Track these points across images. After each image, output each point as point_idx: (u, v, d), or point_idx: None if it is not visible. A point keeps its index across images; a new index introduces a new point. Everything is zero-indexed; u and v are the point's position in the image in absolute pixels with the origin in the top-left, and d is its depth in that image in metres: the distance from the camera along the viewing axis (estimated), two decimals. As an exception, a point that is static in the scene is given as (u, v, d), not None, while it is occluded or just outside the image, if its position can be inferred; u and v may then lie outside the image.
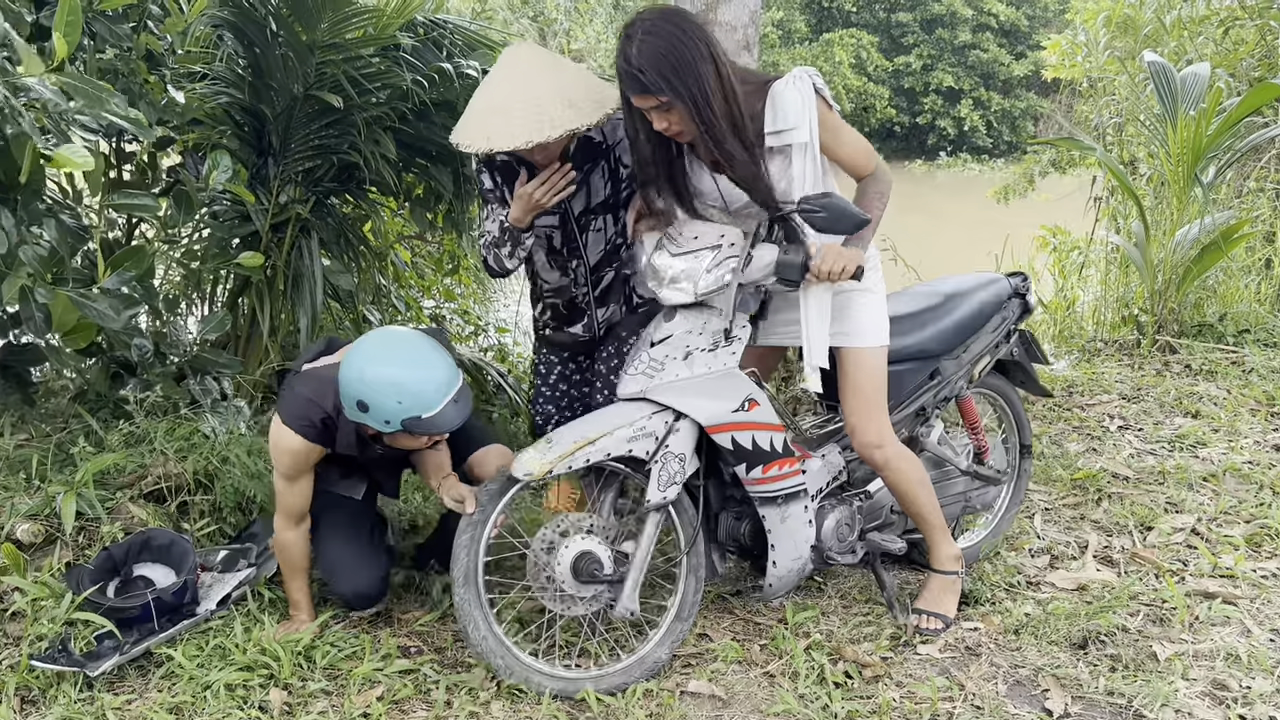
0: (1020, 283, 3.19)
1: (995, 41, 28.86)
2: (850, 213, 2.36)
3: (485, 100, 2.67)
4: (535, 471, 2.41)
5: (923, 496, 2.75)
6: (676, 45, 2.31)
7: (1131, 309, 5.99)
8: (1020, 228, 8.14)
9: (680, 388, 2.51)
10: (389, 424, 2.38)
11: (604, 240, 2.97)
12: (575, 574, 2.47)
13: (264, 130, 4.18)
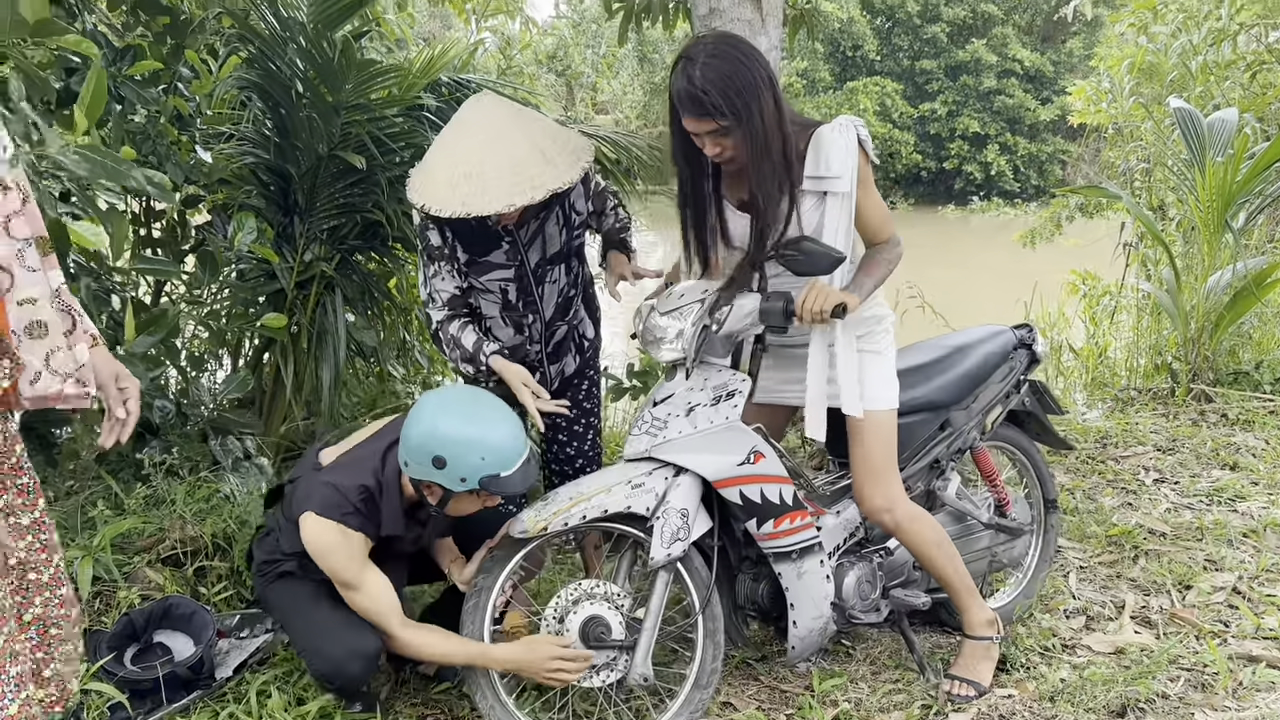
0: (1026, 334, 3.16)
1: (1020, 87, 28.89)
2: (825, 252, 2.36)
3: (452, 161, 2.56)
4: (531, 529, 2.39)
5: (942, 558, 2.68)
6: (741, 69, 2.31)
7: (1165, 356, 5.89)
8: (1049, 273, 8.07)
9: (684, 444, 2.49)
10: (464, 481, 2.29)
11: (557, 292, 2.90)
12: (584, 639, 2.42)
13: (289, 189, 4.22)
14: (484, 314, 2.87)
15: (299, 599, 2.41)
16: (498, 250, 2.76)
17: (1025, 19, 29.77)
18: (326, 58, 3.83)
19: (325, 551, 2.31)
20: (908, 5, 29.00)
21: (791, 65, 27.28)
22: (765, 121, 2.33)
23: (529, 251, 2.78)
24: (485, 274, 2.77)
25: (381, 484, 2.38)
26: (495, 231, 2.73)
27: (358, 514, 2.32)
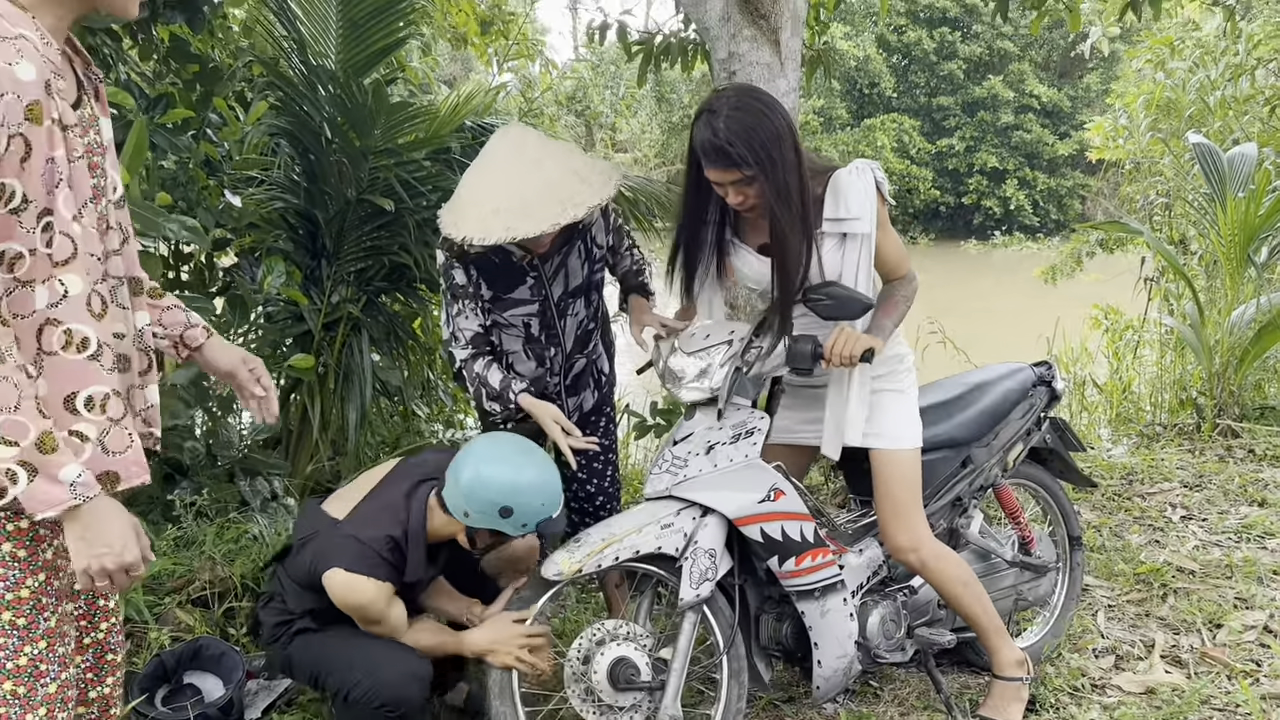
0: (1045, 370, 3.17)
1: (1038, 122, 28.98)
2: (854, 298, 2.40)
3: (490, 191, 2.61)
4: (566, 571, 2.41)
5: (969, 597, 2.67)
6: (764, 120, 2.36)
7: (1190, 391, 5.86)
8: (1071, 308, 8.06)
9: (704, 482, 2.51)
10: (525, 526, 2.37)
11: (578, 325, 2.95)
12: (612, 681, 2.42)
13: (318, 233, 4.29)
14: (506, 349, 2.91)
15: (330, 647, 2.43)
16: (522, 285, 2.81)
17: (1042, 55, 29.92)
18: (356, 103, 3.91)
19: (360, 605, 2.34)
20: (924, 43, 29.21)
21: (808, 103, 27.46)
22: (787, 170, 2.38)
23: (552, 285, 2.84)
24: (509, 310, 2.82)
25: (408, 533, 2.41)
26: (520, 267, 2.79)
27: (385, 564, 2.36)
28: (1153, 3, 5.99)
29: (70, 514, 1.55)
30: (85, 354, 1.60)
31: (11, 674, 1.63)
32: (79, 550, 1.57)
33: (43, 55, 1.51)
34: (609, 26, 6.11)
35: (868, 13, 28.43)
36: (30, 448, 1.49)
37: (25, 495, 1.51)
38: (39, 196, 1.53)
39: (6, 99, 1.44)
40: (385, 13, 4.19)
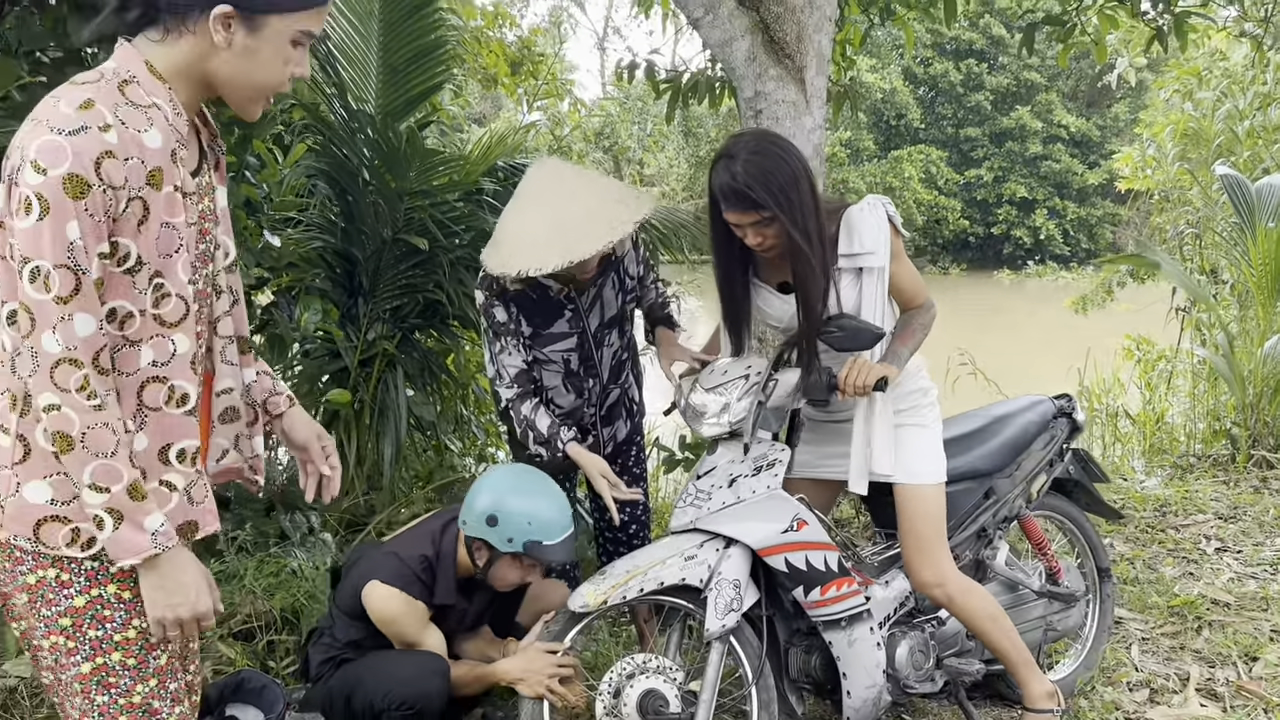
0: (1066, 403, 3.19)
1: (1067, 152, 28.95)
2: (866, 329, 2.45)
3: (537, 222, 2.70)
4: (591, 603, 2.45)
5: (997, 631, 2.68)
6: (780, 164, 2.43)
7: (1224, 422, 5.82)
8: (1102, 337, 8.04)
9: (728, 515, 2.54)
10: (511, 542, 2.45)
11: (613, 356, 3.04)
12: (642, 713, 2.45)
13: (355, 271, 4.39)
14: (545, 385, 2.97)
15: (360, 667, 2.55)
16: (560, 320, 2.89)
17: (1070, 85, 29.92)
18: (393, 147, 4.02)
19: (392, 618, 2.47)
20: (950, 75, 29.32)
21: (835, 135, 27.60)
22: (804, 210, 2.44)
23: (589, 317, 2.92)
24: (549, 345, 2.90)
25: (439, 554, 2.55)
26: (557, 301, 2.87)
27: (418, 581, 2.49)
28: (1179, 34, 6.03)
29: (149, 563, 1.59)
30: (184, 409, 1.67)
31: (125, 710, 1.68)
32: (154, 600, 1.62)
33: (171, 125, 1.58)
34: (637, 66, 6.22)
35: (894, 46, 28.58)
36: (120, 494, 1.54)
37: (110, 541, 1.56)
38: (152, 259, 1.58)
39: (131, 163, 1.51)
40: (423, 59, 4.33)
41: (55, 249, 1.47)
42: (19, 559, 1.62)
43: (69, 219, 1.46)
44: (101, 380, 1.53)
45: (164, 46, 1.59)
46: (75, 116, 1.48)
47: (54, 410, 1.50)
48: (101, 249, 1.51)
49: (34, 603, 1.63)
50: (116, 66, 1.58)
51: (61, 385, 1.50)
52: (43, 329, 1.48)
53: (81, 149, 1.46)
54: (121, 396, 1.60)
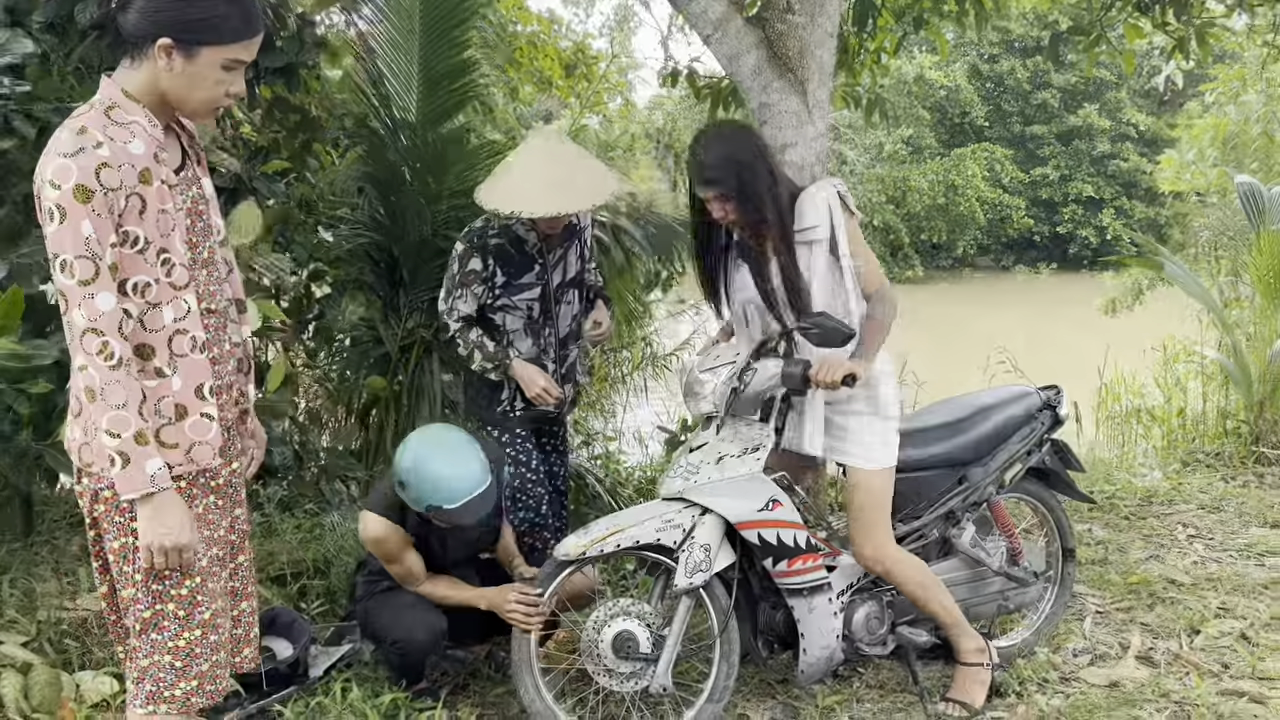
0: (1053, 395, 3.41)
1: (1135, 151, 28.49)
2: (837, 329, 2.73)
3: (540, 174, 3.22)
4: (572, 553, 2.82)
5: (928, 596, 2.97)
6: (738, 148, 2.83)
7: (1231, 420, 5.99)
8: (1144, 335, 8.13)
9: (711, 489, 2.86)
10: (418, 503, 2.82)
11: (570, 316, 3.50)
12: (615, 650, 2.81)
13: (396, 265, 4.83)
14: (509, 329, 3.43)
15: (381, 601, 3.04)
16: (529, 272, 3.39)
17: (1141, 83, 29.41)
18: (432, 151, 4.45)
19: (374, 540, 2.93)
20: (1017, 72, 29.04)
21: (896, 133, 27.54)
22: (758, 191, 2.80)
23: (553, 273, 3.43)
24: (516, 294, 3.39)
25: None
26: (530, 255, 3.38)
27: (392, 509, 2.91)
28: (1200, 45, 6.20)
29: (145, 499, 1.97)
30: (206, 355, 2.12)
31: (174, 599, 2.09)
32: (146, 530, 1.99)
33: (149, 134, 2.02)
34: (679, 72, 6.58)
35: (958, 43, 28.41)
36: (129, 439, 1.95)
37: (118, 478, 1.96)
38: (155, 239, 2.00)
39: (124, 168, 1.94)
40: (459, 73, 4.76)
41: (75, 243, 1.89)
42: (100, 480, 2.05)
43: (82, 219, 1.89)
44: (120, 345, 1.95)
45: (132, 71, 2.00)
46: (74, 141, 1.91)
47: (83, 370, 1.94)
48: (112, 239, 1.94)
49: (108, 513, 2.06)
50: (101, 97, 2.01)
51: (87, 350, 1.93)
52: (72, 307, 1.92)
53: (82, 165, 1.89)
54: (155, 349, 2.04)
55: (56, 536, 3.94)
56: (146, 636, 2.10)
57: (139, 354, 2.03)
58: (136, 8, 1.96)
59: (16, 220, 3.30)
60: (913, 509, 3.14)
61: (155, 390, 2.03)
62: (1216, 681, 3.14)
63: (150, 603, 2.09)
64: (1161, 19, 6.28)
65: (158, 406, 2.04)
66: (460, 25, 4.70)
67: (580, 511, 4.85)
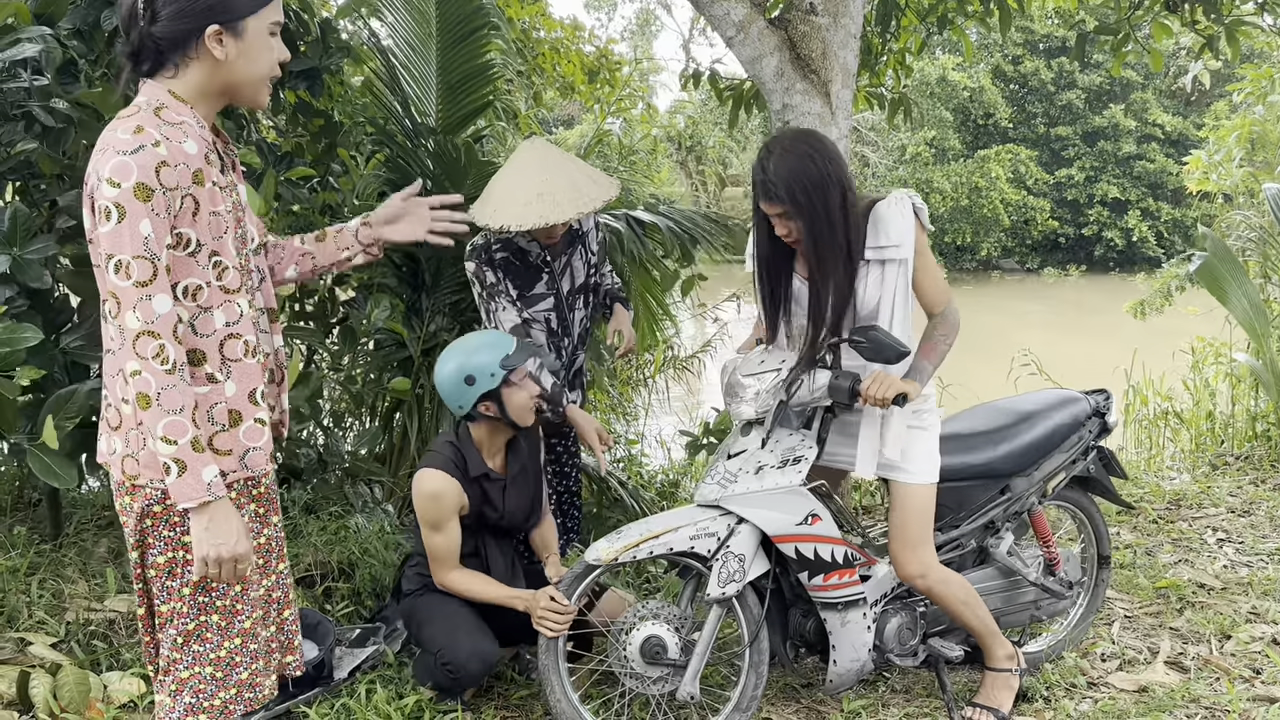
0: (1103, 401, 3.31)
1: (1162, 152, 28.21)
2: (891, 345, 2.64)
3: (524, 186, 3.19)
4: (604, 558, 2.80)
5: (968, 613, 2.91)
6: (809, 165, 2.64)
7: (1264, 423, 5.92)
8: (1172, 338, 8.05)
9: (750, 499, 2.79)
10: (493, 376, 2.87)
11: (579, 322, 3.50)
12: (642, 655, 2.80)
13: (419, 269, 4.84)
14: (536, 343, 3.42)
15: (434, 606, 3.02)
16: (539, 283, 3.39)
17: (1167, 83, 29.15)
18: (451, 158, 4.46)
19: (431, 494, 2.92)
20: (1041, 73, 28.82)
21: (919, 135, 27.40)
22: (828, 213, 2.65)
23: (562, 280, 3.42)
24: (533, 306, 3.38)
25: (460, 439, 3.03)
26: (536, 265, 3.37)
27: (452, 464, 2.96)
28: (1230, 42, 6.14)
29: (201, 508, 1.94)
30: (256, 359, 2.10)
31: (218, 610, 2.10)
32: (201, 539, 1.95)
33: (199, 135, 2.02)
34: (701, 74, 6.58)
35: (982, 44, 28.25)
36: (185, 446, 1.91)
37: (173, 486, 1.92)
38: (208, 241, 1.99)
39: (179, 168, 1.93)
40: (476, 78, 4.77)
41: (133, 243, 1.87)
42: (149, 495, 2.02)
43: (141, 219, 1.87)
44: (176, 349, 1.92)
45: (179, 79, 2.01)
46: (132, 140, 1.89)
47: (137, 375, 1.90)
48: (168, 240, 1.92)
49: (156, 527, 2.04)
50: (147, 99, 2.00)
51: (141, 354, 1.89)
52: (126, 309, 1.88)
53: (143, 163, 1.87)
54: (206, 354, 2.01)
55: (84, 538, 3.97)
56: (188, 649, 2.10)
57: (190, 360, 2.00)
58: (168, 13, 1.95)
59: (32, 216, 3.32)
60: (952, 518, 3.07)
61: (207, 396, 2.01)
62: (1248, 687, 3.09)
63: (194, 615, 2.09)
64: (1191, 17, 6.23)
65: (210, 413, 2.01)
66: (476, 32, 4.72)
67: (602, 515, 4.85)
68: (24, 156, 3.31)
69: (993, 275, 28.95)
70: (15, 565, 3.53)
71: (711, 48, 10.66)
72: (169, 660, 2.12)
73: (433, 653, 2.95)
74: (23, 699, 2.84)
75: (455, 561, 3.01)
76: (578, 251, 3.49)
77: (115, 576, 3.50)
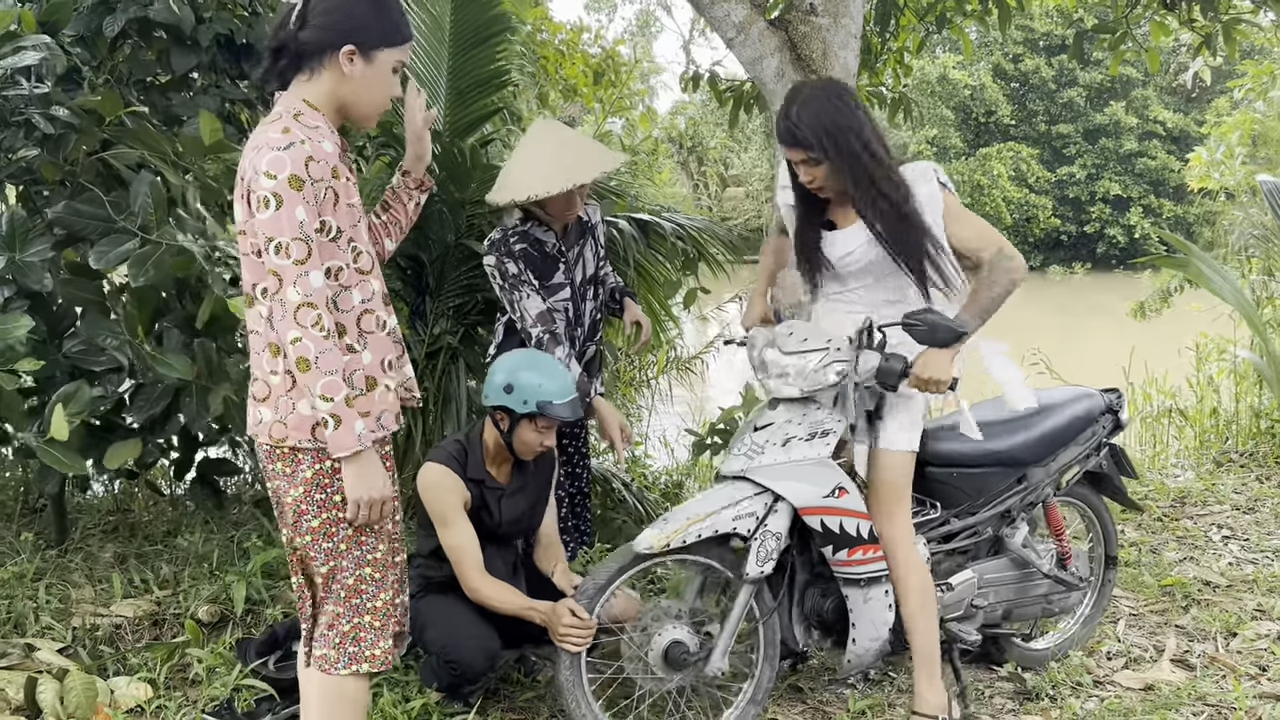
0: (1115, 399, 3.32)
1: (1164, 149, 28.22)
2: (947, 326, 2.60)
3: (544, 159, 3.29)
4: (655, 545, 2.73)
5: (920, 617, 2.84)
6: (831, 109, 2.66)
7: (1268, 420, 5.91)
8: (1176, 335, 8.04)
9: (777, 471, 2.78)
10: (526, 404, 2.88)
11: (590, 314, 3.55)
12: (667, 661, 2.78)
13: (423, 273, 4.85)
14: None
15: (436, 607, 2.99)
16: (557, 273, 3.44)
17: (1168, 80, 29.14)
18: (456, 162, 4.46)
19: (430, 485, 2.95)
20: (1042, 71, 28.83)
21: (920, 133, 27.41)
22: (856, 154, 2.65)
23: (575, 270, 3.48)
24: (551, 296, 3.42)
25: (468, 439, 3.07)
26: (553, 256, 3.43)
27: (453, 459, 2.98)
28: (1228, 40, 6.14)
29: (353, 456, 2.14)
30: (385, 332, 2.29)
31: (371, 563, 2.29)
32: (354, 485, 2.16)
33: (332, 137, 2.22)
34: (701, 76, 6.59)
35: (982, 42, 28.26)
36: (340, 403, 2.10)
37: (331, 439, 2.12)
38: (346, 228, 2.20)
39: (322, 164, 2.13)
40: (485, 84, 4.79)
41: (291, 227, 2.08)
42: (299, 460, 2.20)
43: (296, 205, 2.08)
44: (330, 319, 2.12)
45: (310, 84, 2.23)
46: (283, 138, 2.11)
47: (297, 341, 2.10)
48: (316, 225, 2.13)
49: (310, 492, 2.22)
50: (284, 108, 2.21)
51: (302, 323, 2.10)
52: (287, 285, 2.09)
53: (294, 157, 2.09)
54: (346, 327, 2.20)
55: (90, 543, 3.98)
56: (350, 603, 2.30)
57: None
58: (317, 23, 2.18)
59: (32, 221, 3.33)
60: (969, 505, 3.08)
61: (348, 364, 2.18)
62: (1254, 684, 3.09)
63: (353, 569, 2.28)
64: (1188, 15, 6.23)
65: (350, 379, 2.18)
66: (491, 39, 4.74)
67: (607, 516, 4.85)
68: (24, 163, 3.32)
69: (996, 273, 28.91)
70: (22, 571, 3.54)
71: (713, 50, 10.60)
72: (333, 616, 2.31)
73: (435, 652, 2.96)
74: (30, 704, 2.84)
75: (477, 562, 2.94)
76: (588, 243, 3.57)
77: (121, 581, 3.51)
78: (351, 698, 2.36)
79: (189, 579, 3.63)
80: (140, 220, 3.27)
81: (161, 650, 3.17)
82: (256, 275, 2.20)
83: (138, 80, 3.99)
